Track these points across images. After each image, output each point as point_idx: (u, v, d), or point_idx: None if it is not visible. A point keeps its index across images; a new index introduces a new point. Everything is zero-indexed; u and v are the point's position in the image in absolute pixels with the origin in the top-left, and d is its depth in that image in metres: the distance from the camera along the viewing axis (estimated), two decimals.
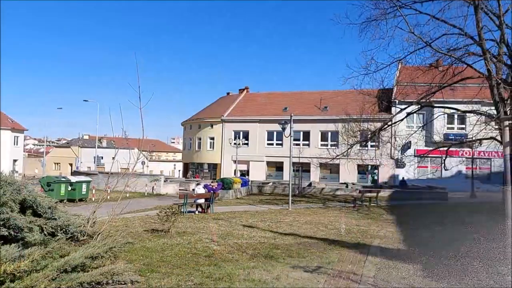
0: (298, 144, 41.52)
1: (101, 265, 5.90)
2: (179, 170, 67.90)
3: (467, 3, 18.77)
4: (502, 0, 18.60)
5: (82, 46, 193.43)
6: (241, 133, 46.53)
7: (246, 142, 46.03)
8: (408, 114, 24.85)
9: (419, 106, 23.39)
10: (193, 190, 20.94)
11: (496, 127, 22.88)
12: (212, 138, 48.55)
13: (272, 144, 45.33)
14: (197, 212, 17.96)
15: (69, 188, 22.34)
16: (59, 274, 4.98)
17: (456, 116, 36.12)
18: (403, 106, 24.45)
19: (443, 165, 26.90)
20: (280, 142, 43.88)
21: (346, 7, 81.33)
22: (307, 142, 43.41)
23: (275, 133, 44.04)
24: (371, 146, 33.45)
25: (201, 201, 18.40)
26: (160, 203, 21.37)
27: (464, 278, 6.96)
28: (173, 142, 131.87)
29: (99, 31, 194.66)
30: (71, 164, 65.28)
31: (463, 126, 36.23)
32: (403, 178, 35.71)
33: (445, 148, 24.80)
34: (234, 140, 44.68)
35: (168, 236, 10.94)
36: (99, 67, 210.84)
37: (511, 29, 19.54)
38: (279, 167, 45.07)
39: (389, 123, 24.99)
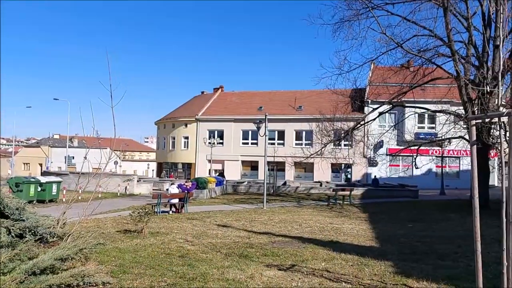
0: (273, 143, 41.65)
1: (71, 267, 5.78)
2: (152, 170, 67.21)
3: (436, 5, 19.25)
4: (470, 2, 19.20)
5: (51, 41, 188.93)
6: (216, 132, 46.38)
7: (221, 141, 45.92)
8: (380, 113, 25.37)
9: (391, 106, 23.84)
10: (167, 190, 20.73)
11: (465, 126, 23.56)
12: (187, 138, 48.20)
13: (247, 144, 45.37)
14: (171, 212, 17.81)
15: (39, 189, 21.78)
16: (27, 277, 4.86)
17: (426, 116, 37.01)
18: (375, 106, 24.87)
19: (414, 163, 27.53)
20: (255, 141, 43.92)
21: (320, 7, 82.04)
22: (282, 141, 43.64)
23: (250, 132, 44.08)
24: (345, 145, 33.89)
25: (175, 201, 18.26)
26: (133, 203, 21.08)
27: (435, 273, 7.12)
28: (147, 142, 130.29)
29: (69, 27, 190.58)
30: (41, 164, 63.75)
31: (433, 125, 37.13)
32: (375, 176, 36.33)
33: (416, 147, 25.34)
34: (209, 139, 44.47)
35: (141, 236, 10.81)
36: (70, 64, 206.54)
37: (478, 31, 20.15)
38: (254, 166, 45.17)
39: (362, 122, 25.43)
